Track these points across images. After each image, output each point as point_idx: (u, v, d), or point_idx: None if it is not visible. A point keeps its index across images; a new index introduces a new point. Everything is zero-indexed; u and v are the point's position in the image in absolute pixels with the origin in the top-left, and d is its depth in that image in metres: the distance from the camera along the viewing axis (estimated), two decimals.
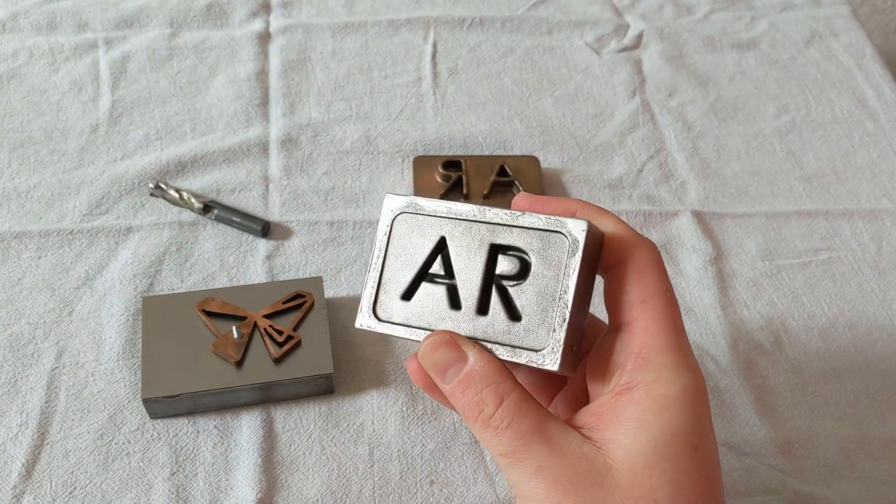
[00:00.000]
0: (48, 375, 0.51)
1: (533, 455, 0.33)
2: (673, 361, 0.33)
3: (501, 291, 0.36)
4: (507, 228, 0.36)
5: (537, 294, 0.35)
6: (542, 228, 0.35)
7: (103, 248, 0.57)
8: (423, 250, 0.37)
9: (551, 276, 0.35)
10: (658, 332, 0.33)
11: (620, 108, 0.70)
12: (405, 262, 0.37)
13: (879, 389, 0.54)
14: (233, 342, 0.50)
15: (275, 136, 0.65)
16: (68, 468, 0.48)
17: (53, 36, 0.71)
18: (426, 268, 0.37)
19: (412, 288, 0.37)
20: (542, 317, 0.35)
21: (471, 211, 0.37)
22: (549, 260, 0.35)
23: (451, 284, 0.37)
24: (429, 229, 0.37)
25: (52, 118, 0.65)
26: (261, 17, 0.74)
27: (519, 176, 0.62)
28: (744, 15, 0.79)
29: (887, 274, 0.60)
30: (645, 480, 0.32)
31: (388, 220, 0.38)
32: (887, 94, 0.73)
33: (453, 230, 0.37)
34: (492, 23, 0.76)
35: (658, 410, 0.32)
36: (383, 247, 0.38)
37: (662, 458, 0.32)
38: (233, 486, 0.47)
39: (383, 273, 0.38)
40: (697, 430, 0.33)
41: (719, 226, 0.62)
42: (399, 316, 0.37)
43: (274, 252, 0.58)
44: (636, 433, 0.32)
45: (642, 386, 0.33)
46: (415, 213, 0.37)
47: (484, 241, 0.36)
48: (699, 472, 0.33)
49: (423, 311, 0.37)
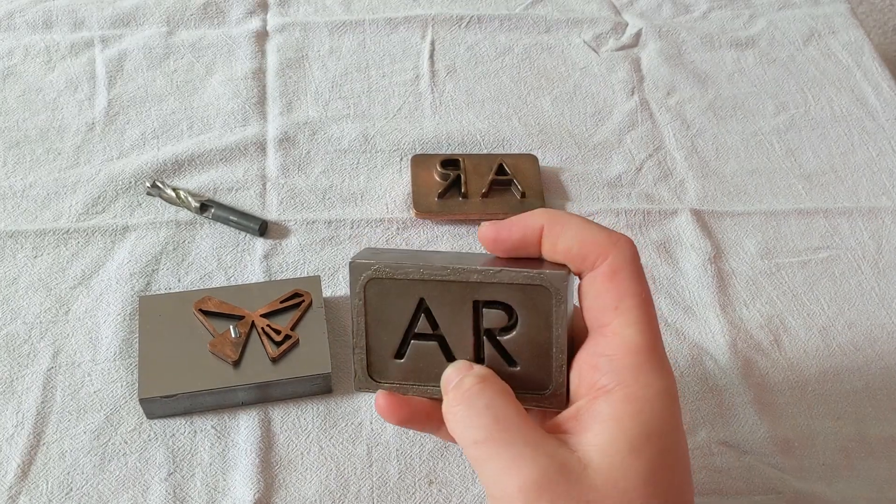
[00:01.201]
0: (44, 375, 0.51)
1: (509, 445, 0.32)
2: (647, 364, 0.33)
3: (493, 341, 0.36)
4: (486, 285, 0.35)
5: (529, 343, 0.35)
6: (522, 283, 0.35)
7: (99, 248, 0.57)
8: (405, 313, 0.36)
9: (541, 326, 0.35)
10: (633, 337, 0.33)
11: (619, 107, 0.70)
12: (388, 325, 0.37)
13: (879, 388, 0.54)
14: (230, 342, 0.50)
15: (272, 135, 0.65)
16: (64, 468, 0.47)
17: (49, 34, 0.71)
18: (412, 327, 0.36)
19: (402, 347, 0.37)
20: (539, 363, 0.35)
21: (444, 270, 0.35)
22: (537, 311, 0.35)
23: (441, 337, 0.36)
24: (405, 292, 0.36)
25: (48, 117, 0.65)
26: (258, 15, 0.74)
27: (517, 174, 0.62)
28: (742, 13, 0.79)
29: (887, 272, 0.60)
30: (619, 480, 0.32)
31: (359, 287, 0.36)
32: (886, 92, 0.73)
33: (431, 291, 0.36)
34: (490, 21, 0.76)
35: (634, 412, 0.32)
36: (361, 314, 0.36)
37: (637, 459, 0.32)
38: (230, 487, 0.47)
39: (368, 339, 0.37)
40: (669, 432, 0.33)
41: (718, 224, 0.62)
42: (396, 375, 0.37)
43: (271, 251, 0.58)
44: (612, 433, 0.32)
45: (618, 388, 0.33)
46: (385, 277, 0.36)
47: (466, 299, 0.35)
48: (671, 474, 0.33)
49: (419, 368, 0.37)
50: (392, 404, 0.37)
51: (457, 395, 0.34)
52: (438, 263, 0.35)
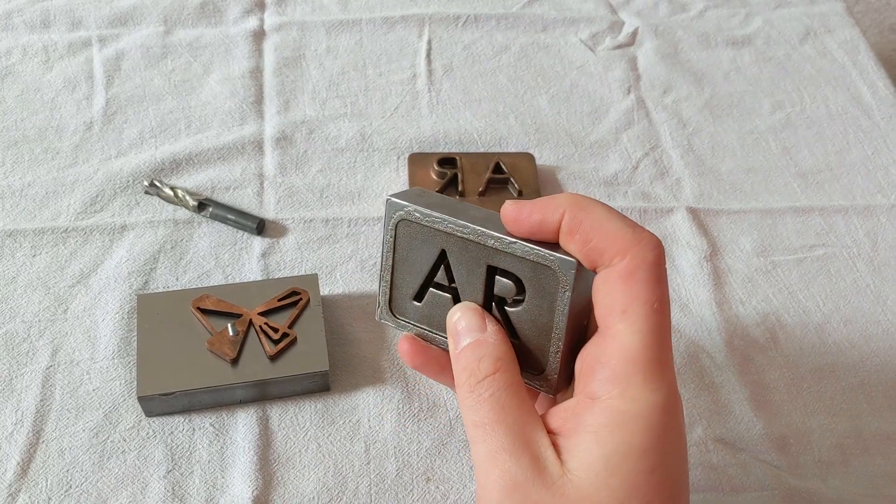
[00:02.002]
0: (43, 374, 0.51)
1: (499, 434, 0.33)
2: (643, 378, 0.31)
3: (501, 310, 0.37)
4: (501, 254, 0.35)
5: (532, 322, 0.36)
6: (532, 260, 0.35)
7: (98, 247, 0.57)
8: (427, 260, 0.38)
9: (545, 308, 0.35)
10: (633, 346, 0.32)
11: (615, 105, 0.70)
12: (411, 269, 0.38)
13: (874, 385, 0.55)
14: (228, 340, 0.50)
15: (269, 134, 0.65)
16: (64, 466, 0.47)
17: (47, 34, 0.71)
18: (432, 275, 0.38)
19: (422, 291, 0.39)
20: (538, 342, 0.36)
21: (466, 228, 0.36)
22: (543, 291, 0.35)
23: (455, 293, 0.38)
24: (430, 239, 0.37)
25: (46, 116, 0.65)
26: (255, 14, 0.74)
27: (514, 173, 0.62)
28: (738, 12, 0.79)
29: (882, 269, 0.61)
30: (592, 496, 0.31)
31: (392, 225, 0.38)
32: (881, 90, 0.73)
33: (452, 246, 0.37)
34: (486, 20, 0.76)
35: (614, 427, 0.31)
36: (390, 251, 0.38)
37: (612, 477, 0.31)
38: (228, 484, 0.47)
39: (394, 275, 0.39)
40: (657, 448, 0.31)
41: (714, 222, 0.62)
42: (413, 315, 0.39)
43: (269, 250, 0.58)
44: (589, 447, 0.31)
45: (605, 399, 0.32)
46: (414, 221, 0.37)
47: (481, 261, 0.36)
48: (653, 493, 0.31)
49: (434, 314, 0.39)
50: (412, 349, 0.39)
51: (472, 383, 0.35)
52: (463, 220, 0.36)
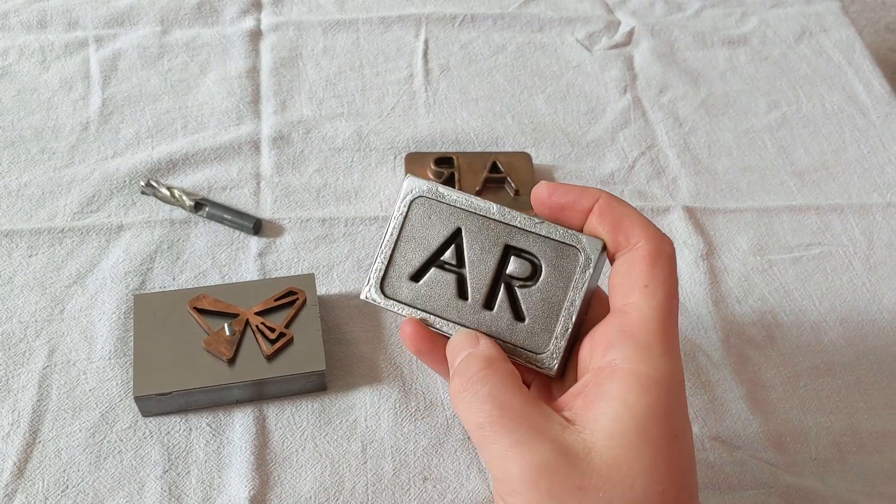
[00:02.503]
0: (40, 374, 0.51)
1: (510, 430, 0.33)
2: (662, 348, 0.33)
3: (509, 290, 0.37)
4: (523, 233, 0.37)
5: (543, 300, 0.36)
6: (558, 240, 0.36)
7: (94, 247, 0.57)
8: (438, 237, 0.38)
9: (560, 287, 0.36)
10: (653, 317, 0.34)
11: (612, 105, 0.70)
12: (417, 245, 0.38)
13: (870, 383, 0.55)
14: (225, 339, 0.50)
15: (266, 134, 0.65)
16: (60, 466, 0.47)
17: (44, 34, 0.71)
18: (438, 254, 0.38)
19: (422, 270, 0.38)
20: (546, 322, 0.36)
21: (490, 209, 0.37)
22: (561, 270, 0.36)
23: (461, 274, 0.37)
24: (447, 217, 0.38)
25: (43, 116, 0.65)
26: (252, 14, 0.74)
27: (511, 172, 0.62)
28: (734, 11, 0.79)
29: (878, 268, 0.61)
30: (623, 464, 0.31)
31: (407, 200, 0.38)
32: (877, 89, 0.73)
33: (470, 224, 0.37)
34: (483, 20, 0.76)
35: (641, 391, 0.32)
36: (398, 225, 0.38)
37: (643, 442, 0.32)
38: (225, 484, 0.47)
39: (395, 251, 0.38)
40: (677, 416, 0.33)
41: (711, 221, 0.62)
42: (405, 295, 0.38)
43: (266, 249, 0.58)
44: (617, 413, 0.32)
45: (627, 365, 0.33)
46: (435, 199, 0.38)
47: (499, 241, 0.37)
48: (677, 461, 0.33)
49: (430, 295, 0.38)
50: (417, 333, 0.38)
51: (462, 381, 0.35)
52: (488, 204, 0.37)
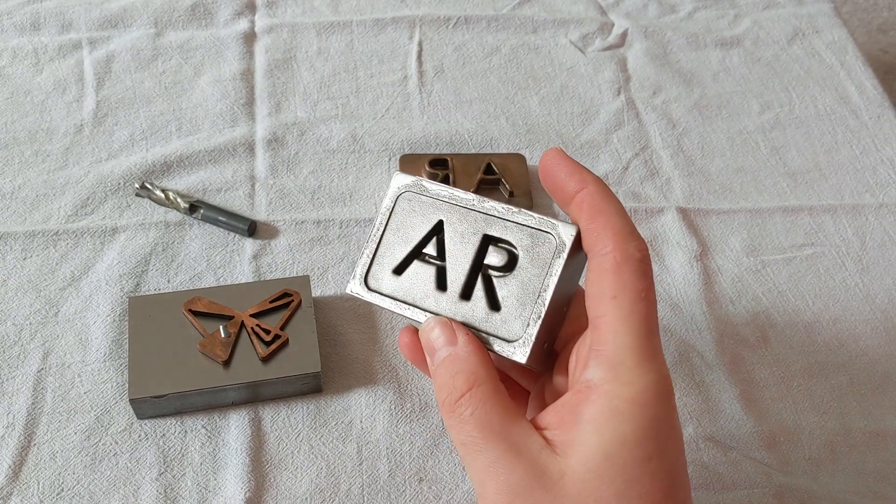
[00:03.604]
0: (34, 377, 0.51)
1: (489, 449, 0.33)
2: (634, 361, 0.32)
3: (486, 280, 0.38)
4: (501, 222, 0.38)
5: (519, 288, 0.37)
6: (533, 227, 0.37)
7: (89, 249, 0.57)
8: (421, 230, 0.39)
9: (535, 274, 0.36)
10: (623, 330, 0.32)
11: (605, 106, 0.70)
12: (402, 239, 0.39)
13: (863, 383, 0.55)
14: (220, 342, 0.50)
15: (261, 136, 0.65)
16: (55, 469, 0.47)
17: (37, 36, 0.71)
18: (420, 247, 0.39)
19: (405, 264, 0.39)
20: (520, 310, 0.36)
21: (470, 199, 0.38)
22: (536, 258, 0.37)
23: (440, 266, 0.38)
24: (429, 211, 0.39)
25: (37, 119, 0.65)
26: (246, 16, 0.74)
27: (505, 174, 0.62)
28: (727, 13, 0.80)
29: (870, 269, 0.61)
30: (593, 490, 0.31)
31: (393, 196, 0.39)
32: (869, 90, 0.74)
33: (451, 215, 0.38)
34: (477, 22, 0.76)
35: (611, 414, 0.31)
36: (384, 221, 0.39)
37: (610, 468, 0.31)
38: (221, 486, 0.47)
39: (380, 246, 0.39)
40: (654, 436, 0.32)
41: (704, 222, 0.63)
42: (387, 288, 0.39)
43: (260, 251, 0.58)
44: (588, 438, 0.32)
45: (600, 385, 0.32)
46: (419, 193, 0.39)
47: (478, 231, 0.38)
48: (651, 483, 0.31)
49: (411, 288, 0.39)
50: (414, 343, 0.38)
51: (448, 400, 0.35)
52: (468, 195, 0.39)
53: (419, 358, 0.38)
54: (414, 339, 0.39)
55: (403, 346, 0.39)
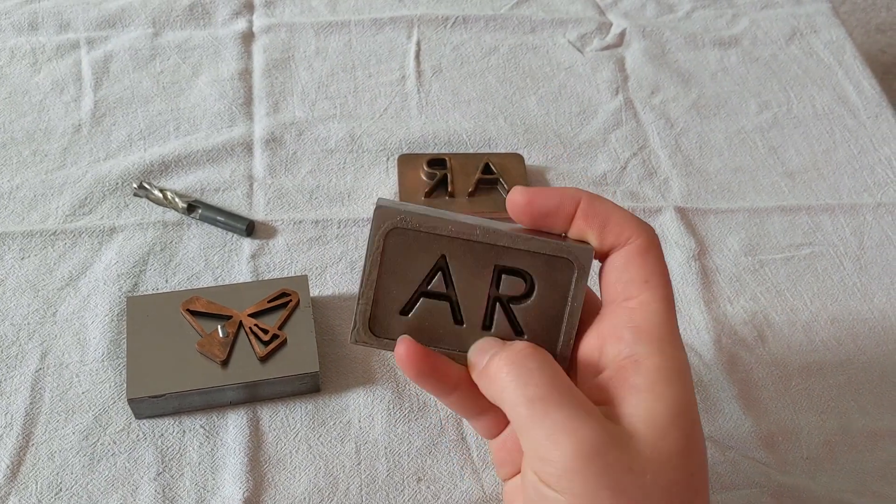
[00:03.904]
0: (32, 376, 0.51)
1: (564, 405, 0.32)
2: (671, 338, 0.34)
3: (504, 308, 0.36)
4: (512, 251, 0.35)
5: (541, 314, 0.36)
6: (549, 254, 0.36)
7: (87, 249, 0.57)
8: (422, 267, 0.36)
9: (556, 299, 0.36)
10: (658, 310, 0.34)
11: (604, 106, 0.70)
12: (401, 279, 0.36)
13: (862, 382, 0.55)
14: (218, 341, 0.50)
15: (259, 136, 0.65)
16: (54, 469, 0.47)
17: (35, 36, 0.71)
18: (425, 284, 0.36)
19: (411, 304, 0.36)
20: (547, 335, 0.36)
21: (474, 231, 0.35)
22: (555, 283, 0.36)
23: (452, 300, 0.36)
24: (427, 246, 0.35)
25: (35, 119, 0.65)
26: (244, 16, 0.74)
27: (504, 173, 0.62)
28: (725, 13, 0.80)
29: (869, 268, 0.61)
30: (662, 449, 0.32)
31: (380, 235, 0.35)
32: (867, 90, 0.74)
33: (454, 249, 0.36)
34: (475, 21, 0.76)
35: (666, 383, 0.33)
36: (377, 262, 0.36)
37: (676, 430, 0.33)
38: (219, 486, 0.47)
39: (378, 289, 0.36)
40: (695, 404, 0.34)
41: (702, 222, 0.63)
42: (398, 331, 0.36)
43: (259, 251, 0.58)
44: (652, 403, 0.33)
45: (647, 359, 0.34)
46: (411, 228, 0.35)
47: (488, 262, 0.36)
48: (699, 445, 0.34)
49: (424, 326, 0.36)
50: (414, 354, 0.36)
51: (508, 355, 0.34)
52: (468, 222, 0.35)
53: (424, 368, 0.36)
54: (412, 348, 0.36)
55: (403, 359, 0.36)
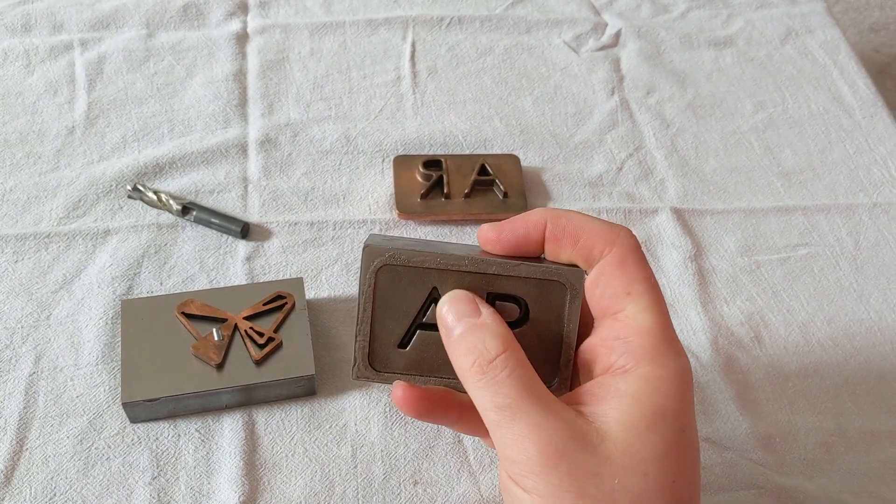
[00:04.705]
0: (26, 380, 0.51)
1: (530, 412, 0.33)
2: (662, 346, 0.34)
3: None
4: (502, 279, 0.36)
5: (538, 337, 0.36)
6: (539, 278, 0.36)
7: (81, 252, 0.57)
8: (415, 302, 0.36)
9: (552, 321, 0.36)
10: (646, 320, 0.34)
11: (599, 107, 0.70)
12: (396, 312, 0.36)
13: (858, 382, 0.55)
14: (213, 344, 0.50)
15: (253, 137, 0.65)
16: (48, 474, 0.47)
17: (28, 38, 0.70)
18: (419, 317, 0.36)
19: (408, 336, 0.37)
20: (546, 356, 0.36)
21: (463, 263, 0.36)
22: (549, 306, 0.36)
23: None
24: (418, 279, 0.36)
25: (28, 120, 0.64)
26: (238, 17, 0.74)
27: (499, 175, 0.62)
28: (720, 13, 0.80)
29: (864, 268, 0.61)
30: (636, 453, 0.32)
31: (371, 273, 0.36)
32: (862, 90, 0.74)
33: (445, 280, 0.36)
34: (470, 22, 0.76)
35: (651, 390, 0.33)
36: (370, 298, 0.36)
37: (653, 433, 0.33)
38: (215, 490, 0.47)
39: (374, 325, 0.36)
40: (685, 412, 0.34)
41: (698, 222, 0.63)
42: (398, 365, 0.37)
43: (254, 253, 0.58)
44: (629, 408, 0.33)
45: (635, 369, 0.34)
46: (401, 265, 0.36)
47: (480, 291, 0.36)
48: (685, 452, 0.34)
49: (423, 357, 0.37)
50: (411, 396, 0.37)
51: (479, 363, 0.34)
52: (455, 253, 0.36)
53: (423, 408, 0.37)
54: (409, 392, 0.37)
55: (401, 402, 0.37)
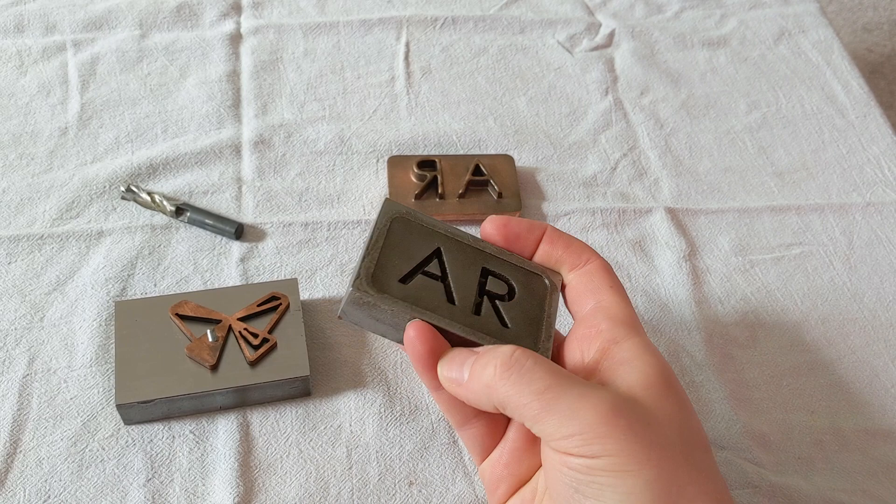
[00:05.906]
0: (20, 382, 0.50)
1: (570, 385, 0.34)
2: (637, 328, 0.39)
3: (492, 303, 0.39)
4: (496, 259, 0.41)
5: (523, 314, 0.40)
6: (526, 269, 0.41)
7: (74, 253, 0.57)
8: (421, 251, 0.40)
9: (535, 305, 0.40)
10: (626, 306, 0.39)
11: (593, 107, 0.70)
12: (402, 255, 0.39)
13: (852, 381, 0.55)
14: (207, 346, 0.50)
15: (247, 138, 0.65)
16: (42, 476, 0.47)
17: (21, 38, 0.70)
18: (424, 265, 0.39)
19: (410, 275, 0.39)
20: (529, 330, 0.39)
21: (466, 236, 0.41)
22: (532, 292, 0.40)
23: (446, 284, 0.39)
24: (426, 237, 0.40)
25: (21, 121, 0.64)
26: (231, 17, 0.74)
27: (494, 175, 0.62)
28: (714, 13, 0.80)
29: (858, 267, 0.61)
30: (665, 407, 0.35)
31: (387, 219, 0.40)
32: (855, 89, 0.74)
33: (449, 245, 0.40)
34: (464, 22, 0.76)
35: (652, 353, 0.37)
36: (383, 234, 0.39)
37: (668, 387, 0.36)
38: (209, 491, 0.47)
39: (382, 255, 0.39)
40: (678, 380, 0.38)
41: (692, 222, 0.63)
42: (397, 293, 0.38)
43: (248, 254, 0.58)
44: (643, 368, 0.36)
45: (627, 339, 0.37)
46: (414, 220, 0.40)
47: (476, 263, 0.40)
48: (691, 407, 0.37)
49: (421, 296, 0.38)
50: (426, 329, 0.37)
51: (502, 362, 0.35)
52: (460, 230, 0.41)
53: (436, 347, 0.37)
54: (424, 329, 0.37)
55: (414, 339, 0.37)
